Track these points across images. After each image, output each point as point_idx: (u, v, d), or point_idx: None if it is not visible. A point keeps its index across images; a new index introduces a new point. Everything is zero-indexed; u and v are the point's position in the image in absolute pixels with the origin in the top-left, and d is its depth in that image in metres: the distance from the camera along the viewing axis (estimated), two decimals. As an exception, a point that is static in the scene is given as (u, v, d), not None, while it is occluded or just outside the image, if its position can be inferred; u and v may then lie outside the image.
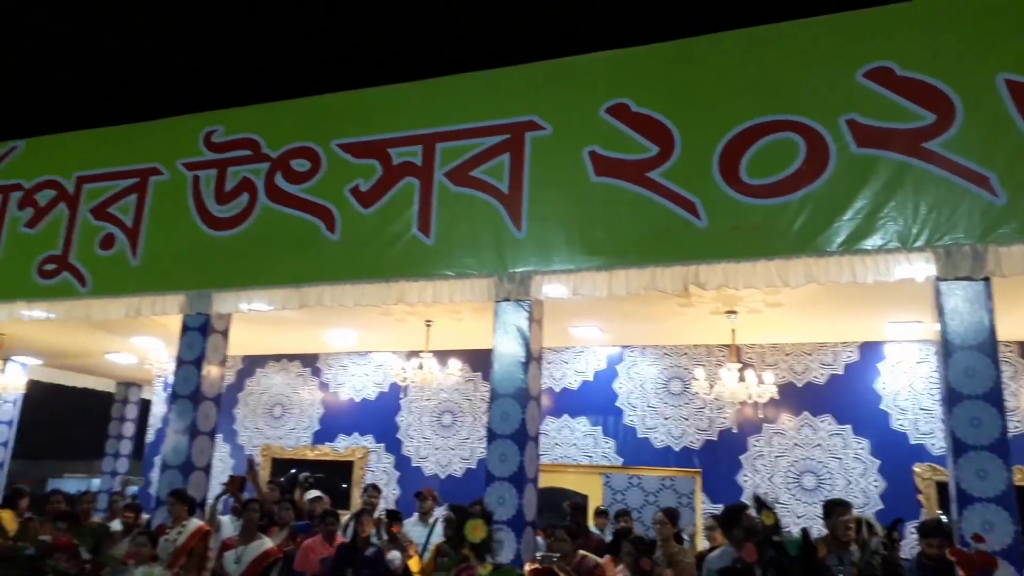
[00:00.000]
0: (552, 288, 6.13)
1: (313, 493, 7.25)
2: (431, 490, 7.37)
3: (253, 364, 11.03)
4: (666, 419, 8.96)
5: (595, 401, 9.28)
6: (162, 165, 7.61)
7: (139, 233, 7.49)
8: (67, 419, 20.75)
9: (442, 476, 9.58)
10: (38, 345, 10.72)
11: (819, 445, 8.36)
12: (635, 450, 9.02)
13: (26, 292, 7.78)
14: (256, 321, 8.36)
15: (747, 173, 5.52)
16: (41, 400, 14.22)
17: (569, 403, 9.39)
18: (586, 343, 9.34)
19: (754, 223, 5.45)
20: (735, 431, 8.63)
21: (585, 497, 8.98)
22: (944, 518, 6.66)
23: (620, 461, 9.08)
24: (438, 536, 6.33)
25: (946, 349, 4.96)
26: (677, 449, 8.85)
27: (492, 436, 5.89)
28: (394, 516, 6.28)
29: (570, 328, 8.62)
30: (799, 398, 8.51)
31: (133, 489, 12.17)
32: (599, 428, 9.21)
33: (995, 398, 4.82)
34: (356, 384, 10.38)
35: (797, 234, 5.33)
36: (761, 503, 4.16)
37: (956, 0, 5.35)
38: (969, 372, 4.86)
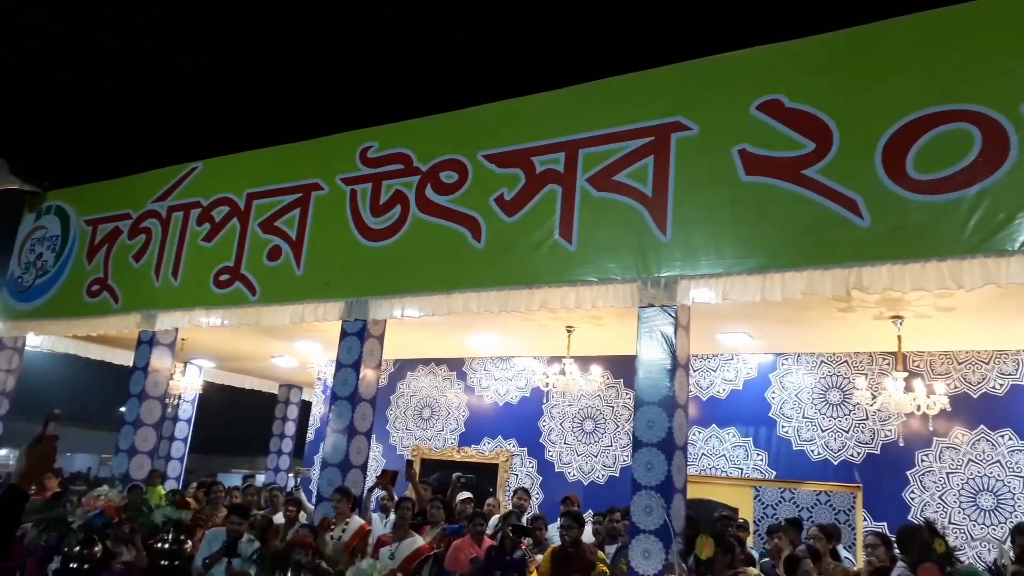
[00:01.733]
0: (700, 293, 5.96)
1: (464, 494, 7.44)
2: (575, 496, 7.35)
3: (404, 368, 11.48)
4: (824, 431, 8.50)
5: (745, 411, 8.95)
6: (323, 180, 8.09)
7: (302, 245, 7.99)
8: (235, 418, 22.46)
9: (585, 483, 9.55)
10: (213, 349, 11.70)
11: (998, 462, 7.64)
12: (789, 463, 8.62)
13: (204, 300, 8.49)
14: (407, 326, 8.70)
15: (914, 168, 5.14)
16: (213, 400, 15.49)
17: (717, 412, 9.11)
18: (734, 350, 9.03)
19: (920, 222, 5.07)
20: (901, 444, 8.04)
21: (736, 510, 8.66)
22: None
23: (773, 474, 8.70)
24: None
25: None
26: (836, 463, 8.37)
27: (637, 444, 5.80)
28: (522, 531, 6.23)
29: (717, 335, 8.36)
30: (974, 410, 7.82)
31: (291, 483, 12.95)
32: (750, 439, 8.87)
33: None
34: (500, 388, 10.57)
35: (972, 232, 4.89)
36: (933, 530, 3.87)
37: None
38: None
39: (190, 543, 5.49)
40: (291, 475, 13.75)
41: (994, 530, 7.43)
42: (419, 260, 7.13)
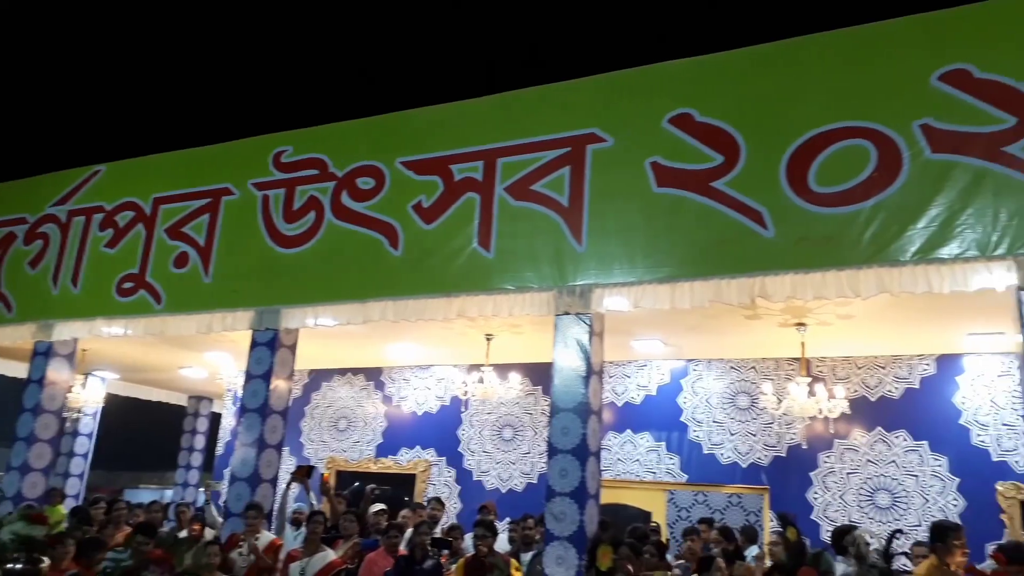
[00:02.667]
0: (613, 301, 6.07)
1: (378, 506, 7.33)
2: (492, 504, 7.35)
3: (319, 378, 11.24)
4: (733, 435, 8.77)
5: (659, 416, 9.15)
6: (233, 185, 7.85)
7: (211, 251, 7.73)
8: (142, 432, 21.51)
9: (503, 490, 9.56)
10: (116, 360, 11.17)
11: (894, 462, 8.05)
12: (700, 466, 8.85)
13: (106, 310, 8.10)
14: (322, 336, 8.53)
15: (816, 181, 5.38)
16: (118, 413, 14.79)
17: (632, 418, 9.28)
18: (649, 357, 9.23)
19: (823, 233, 5.30)
20: (804, 447, 8.38)
21: (648, 514, 8.84)
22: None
23: (685, 478, 8.92)
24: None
25: (1032, 362, 4.73)
26: (744, 466, 8.64)
27: (553, 451, 5.85)
28: (440, 544, 6.20)
29: (632, 342, 8.53)
30: (872, 413, 8.23)
31: (201, 498, 12.47)
32: (663, 444, 9.08)
33: (1087, 414, 4.56)
34: (418, 398, 10.48)
35: (869, 243, 5.15)
36: (785, 520, 4.10)
37: (1036, -3, 5.13)
38: (1058, 386, 4.61)
39: (47, 562, 5.07)
40: (201, 490, 13.25)
41: (888, 526, 7.81)
42: (334, 267, 7.01)
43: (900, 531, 5.42)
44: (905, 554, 5.92)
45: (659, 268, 5.79)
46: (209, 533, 6.95)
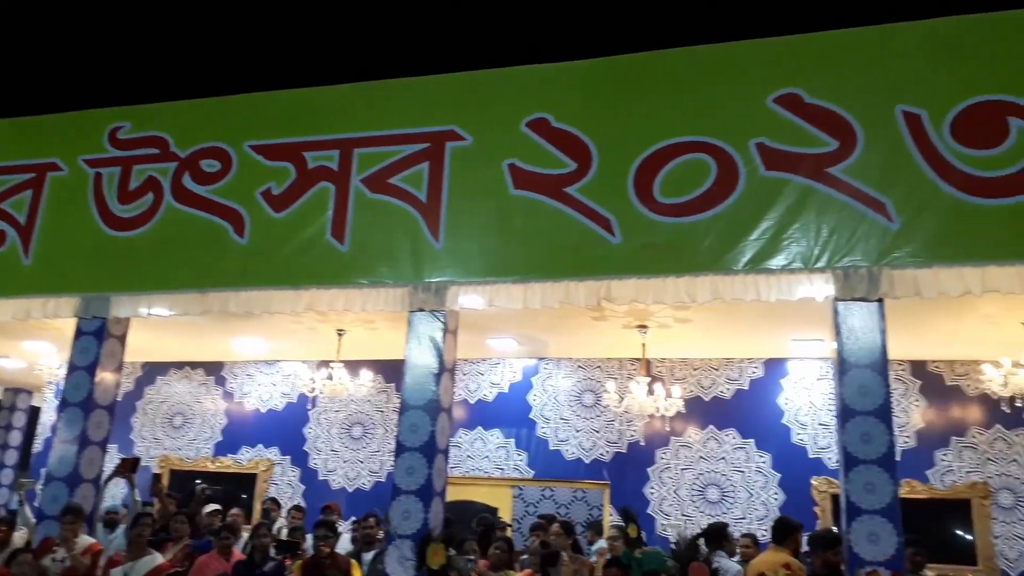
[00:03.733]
0: (468, 299, 6.10)
1: (212, 506, 6.96)
2: (336, 504, 7.19)
3: (153, 371, 10.55)
4: (578, 431, 9.04)
5: (509, 413, 9.29)
6: (62, 160, 7.20)
7: (32, 231, 7.05)
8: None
9: (350, 489, 9.38)
10: (-87, 347, 9.96)
11: (723, 458, 8.59)
12: (546, 462, 9.06)
13: (-97, 290, 7.20)
14: (158, 326, 8.01)
15: (660, 192, 5.63)
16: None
17: (483, 415, 9.36)
18: (503, 355, 9.35)
19: (666, 242, 5.56)
20: (643, 444, 8.78)
21: (495, 510, 8.95)
22: (835, 529, 6.95)
23: (531, 473, 9.11)
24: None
25: (842, 367, 5.18)
26: (587, 461, 8.94)
27: (401, 449, 5.79)
28: (287, 547, 5.98)
29: (487, 340, 8.60)
30: (706, 412, 8.74)
31: (15, 499, 11.38)
32: (512, 440, 9.22)
33: (885, 414, 5.04)
34: (262, 394, 10.07)
35: (706, 252, 5.45)
36: (628, 516, 4.28)
37: (859, 33, 5.61)
38: (862, 389, 5.08)
39: None
40: (16, 491, 12.08)
41: (718, 519, 8.33)
42: (172, 254, 6.58)
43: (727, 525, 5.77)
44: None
45: (513, 268, 5.87)
46: (19, 537, 6.34)
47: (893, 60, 5.47)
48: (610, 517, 8.67)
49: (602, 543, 7.34)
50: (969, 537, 7.88)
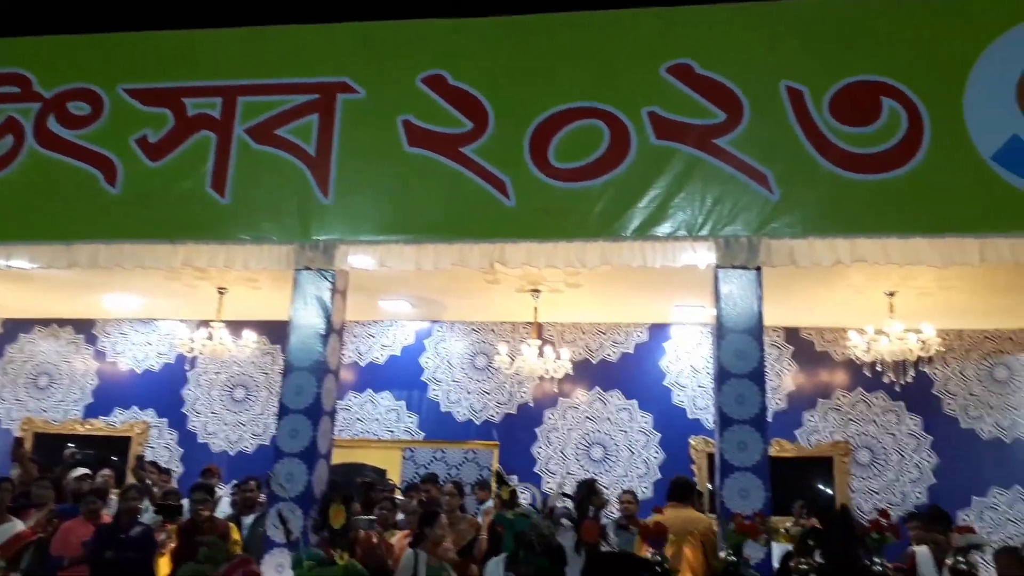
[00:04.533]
0: (358, 259, 5.94)
1: (80, 470, 6.58)
2: (216, 467, 6.96)
3: (16, 329, 9.82)
4: (469, 393, 9.09)
5: (401, 376, 9.22)
6: (-99, 94, 6.48)
7: None
8: None
9: (232, 453, 9.10)
10: None
11: (608, 419, 8.86)
12: (437, 424, 9.08)
13: None
14: (21, 280, 7.44)
15: (555, 156, 5.63)
16: None
17: (374, 377, 9.26)
18: (396, 317, 9.24)
19: (558, 206, 5.59)
20: (532, 405, 8.93)
21: (384, 472, 8.92)
22: (709, 486, 7.33)
23: (422, 436, 9.11)
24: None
25: (720, 332, 5.38)
26: (478, 423, 9.01)
27: (284, 411, 5.63)
28: (169, 511, 5.74)
29: (379, 302, 8.46)
30: (593, 374, 8.96)
31: None
32: (403, 403, 9.17)
33: (758, 378, 5.29)
34: (137, 354, 9.57)
35: (597, 218, 5.51)
36: (501, 478, 4.36)
37: (749, 8, 5.75)
38: (738, 353, 5.31)
39: None
40: None
41: (602, 478, 8.60)
42: (34, 202, 6.07)
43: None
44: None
45: (406, 228, 5.76)
46: None
47: (779, 36, 5.64)
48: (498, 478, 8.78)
49: (490, 503, 7.44)
50: (829, 491, 8.48)
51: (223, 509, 6.51)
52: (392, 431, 9.11)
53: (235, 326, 8.32)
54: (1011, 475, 8.08)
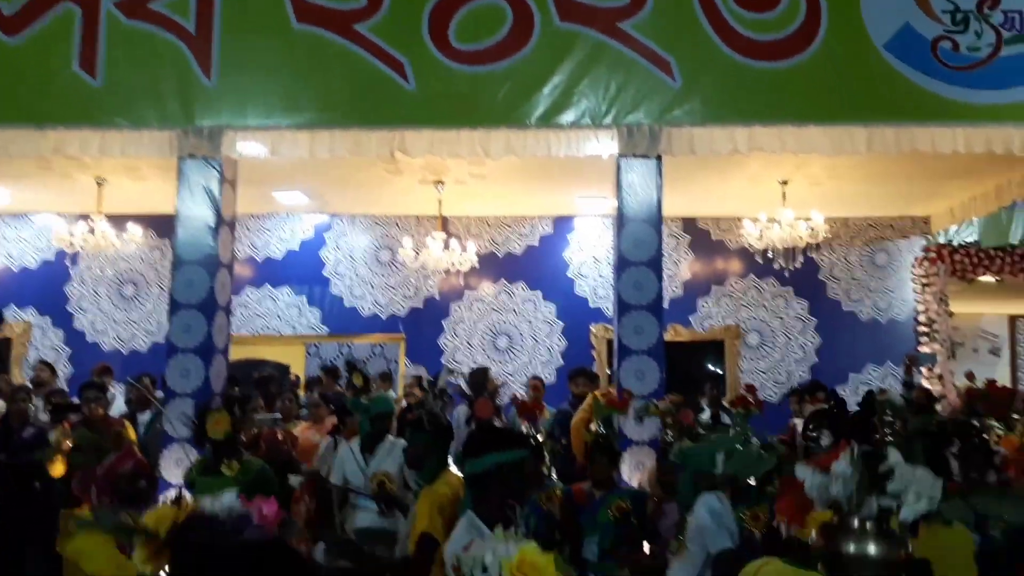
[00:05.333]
0: (247, 146, 5.61)
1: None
2: (108, 365, 6.70)
3: None
4: (373, 288, 8.99)
5: (300, 271, 8.99)
6: None
7: None
8: None
9: (124, 351, 8.76)
10: None
11: (513, 310, 8.97)
12: (341, 319, 8.97)
13: None
14: None
15: (456, 37, 5.38)
16: None
17: (273, 272, 9.00)
18: (292, 210, 8.92)
19: (461, 91, 5.39)
20: (438, 298, 8.93)
21: (287, 367, 8.83)
22: (608, 371, 7.62)
23: (326, 331, 8.99)
24: None
25: (620, 221, 5.44)
26: (384, 317, 8.96)
27: (176, 306, 5.41)
28: (62, 409, 5.50)
29: (273, 193, 8.11)
30: (498, 267, 8.99)
31: None
32: (304, 298, 8.98)
33: (656, 265, 5.42)
34: (12, 250, 8.94)
35: (500, 105, 5.36)
36: (352, 366, 4.41)
37: None
38: (637, 242, 5.39)
39: None
40: None
41: (506, 367, 8.79)
42: None
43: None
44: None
45: (298, 113, 5.46)
46: None
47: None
48: (405, 368, 8.85)
49: (392, 393, 7.52)
50: (720, 372, 8.97)
51: (118, 407, 6.31)
52: (294, 327, 8.95)
53: (119, 220, 7.82)
54: (884, 353, 8.74)
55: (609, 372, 7.93)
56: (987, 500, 1.58)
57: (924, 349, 8.54)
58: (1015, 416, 5.24)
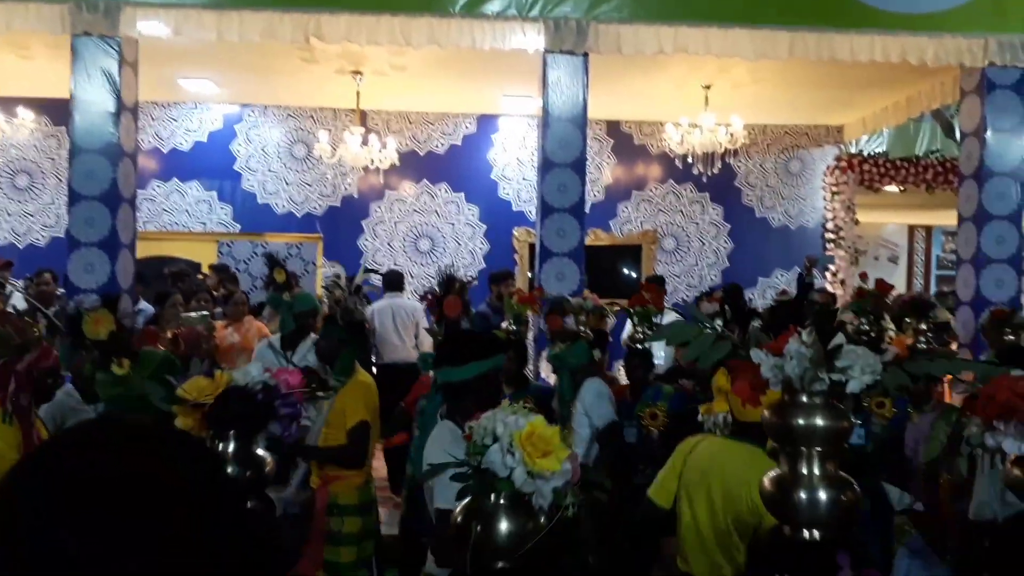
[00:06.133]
0: (149, 25, 5.22)
1: None
2: (7, 261, 6.34)
3: None
4: (288, 184, 8.68)
5: (210, 164, 8.57)
6: None
7: None
8: None
9: (20, 246, 8.28)
10: None
11: (435, 211, 8.85)
12: (255, 216, 8.67)
13: None
14: None
15: (375, -88, 5.06)
16: None
17: (180, 165, 8.55)
18: (200, 99, 8.41)
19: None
20: (357, 197, 8.71)
21: (198, 265, 8.53)
22: (530, 274, 7.68)
23: (238, 228, 8.69)
24: None
25: (546, 119, 5.38)
26: (300, 215, 8.70)
27: (76, 197, 5.10)
28: None
29: (179, 79, 7.61)
30: (420, 166, 8.80)
31: None
32: (214, 193, 8.61)
33: (580, 167, 5.42)
34: None
35: (422, -10, 5.13)
36: (274, 261, 4.34)
37: None
38: (562, 142, 5.36)
39: None
40: None
41: (428, 269, 8.75)
42: None
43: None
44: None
45: (203, -9, 5.07)
46: None
47: None
48: (322, 269, 8.69)
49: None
50: (635, 275, 9.17)
51: (16, 304, 5.99)
52: (204, 223, 8.61)
53: (7, 103, 7.23)
54: (792, 258, 9.08)
55: (531, 276, 8.01)
56: (919, 364, 1.73)
57: (830, 256, 8.94)
58: (907, 320, 5.58)
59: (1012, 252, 5.73)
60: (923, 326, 4.95)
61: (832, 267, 8.86)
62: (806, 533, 1.68)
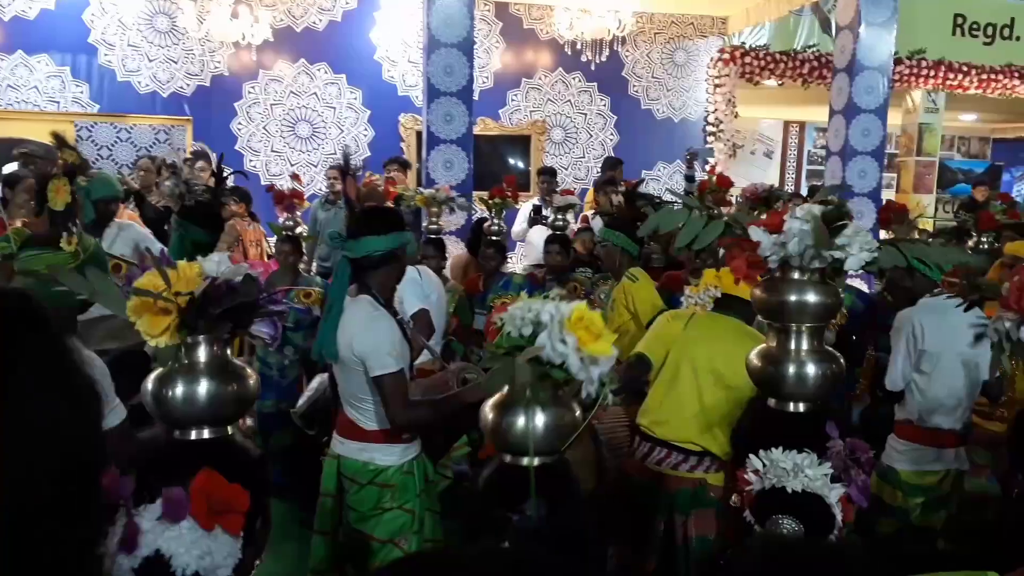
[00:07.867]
0: None
1: None
2: None
3: None
4: (151, 61, 7.97)
5: (60, 36, 7.71)
6: None
7: None
8: None
9: None
10: None
11: (315, 94, 8.40)
12: (115, 96, 7.95)
13: None
14: None
15: None
16: None
17: (24, 36, 7.65)
18: (40, -42, 7.47)
19: None
20: (228, 76, 8.12)
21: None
22: (417, 164, 7.49)
23: (96, 108, 7.97)
24: None
25: (431, -5, 5.11)
26: (165, 95, 8.06)
27: None
28: None
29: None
30: (297, 44, 8.25)
31: None
32: (67, 69, 7.81)
33: (467, 48, 5.23)
34: None
35: None
36: (62, 141, 4.04)
37: None
38: (448, 20, 5.13)
39: None
40: None
41: (309, 156, 8.38)
42: None
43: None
44: None
45: None
46: None
47: None
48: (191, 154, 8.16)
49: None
50: (522, 165, 9.14)
51: None
52: (57, 102, 7.82)
53: None
54: (674, 151, 9.28)
55: (418, 165, 7.82)
56: (914, 248, 1.78)
57: (709, 148, 9.18)
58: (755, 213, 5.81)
59: (876, 145, 6.05)
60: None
61: (711, 160, 9.13)
62: (793, 406, 1.75)
